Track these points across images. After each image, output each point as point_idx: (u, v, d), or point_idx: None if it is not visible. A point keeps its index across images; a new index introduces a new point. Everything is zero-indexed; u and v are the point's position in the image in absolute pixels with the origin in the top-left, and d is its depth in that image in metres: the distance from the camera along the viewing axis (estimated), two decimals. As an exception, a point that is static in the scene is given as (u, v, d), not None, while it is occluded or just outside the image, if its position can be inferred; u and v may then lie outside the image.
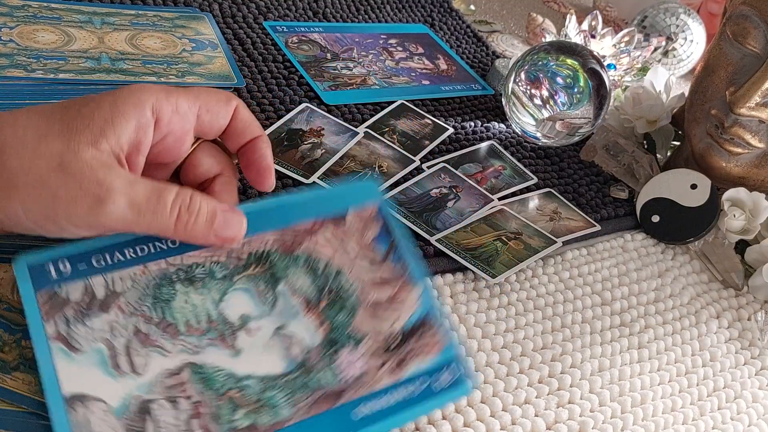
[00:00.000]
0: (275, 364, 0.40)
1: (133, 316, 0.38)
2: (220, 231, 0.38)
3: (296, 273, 0.42)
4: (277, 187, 0.57)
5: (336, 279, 0.43)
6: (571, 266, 0.60)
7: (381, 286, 0.43)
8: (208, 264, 0.41)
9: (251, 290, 0.41)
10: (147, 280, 0.39)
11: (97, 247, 0.39)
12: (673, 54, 0.97)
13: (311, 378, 0.40)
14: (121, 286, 0.39)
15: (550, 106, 0.68)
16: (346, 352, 0.41)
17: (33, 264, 0.38)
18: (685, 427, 0.50)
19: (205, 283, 0.40)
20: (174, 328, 0.39)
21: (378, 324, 0.42)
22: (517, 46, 0.94)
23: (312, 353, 0.40)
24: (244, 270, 0.42)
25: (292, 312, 0.41)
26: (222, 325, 0.40)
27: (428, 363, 0.41)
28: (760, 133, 0.63)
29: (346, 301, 0.42)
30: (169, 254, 0.40)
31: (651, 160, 0.70)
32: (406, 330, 0.42)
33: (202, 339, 0.39)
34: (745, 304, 0.63)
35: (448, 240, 0.56)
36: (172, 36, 0.67)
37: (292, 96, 0.67)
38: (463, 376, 0.41)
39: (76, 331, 0.37)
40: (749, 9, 0.62)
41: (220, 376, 0.38)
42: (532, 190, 0.67)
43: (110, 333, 0.37)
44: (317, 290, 0.42)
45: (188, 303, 0.40)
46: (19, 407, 0.36)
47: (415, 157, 0.65)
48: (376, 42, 0.81)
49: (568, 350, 0.52)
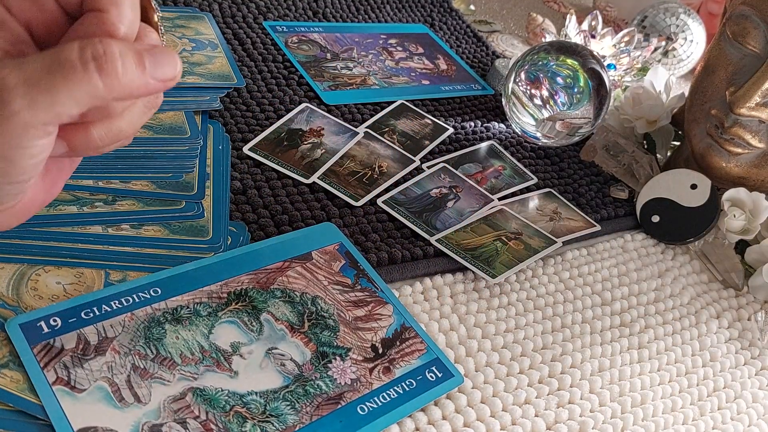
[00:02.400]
0: (273, 380, 0.42)
1: (128, 355, 0.40)
2: (156, 72, 0.31)
3: (276, 304, 0.46)
4: (278, 187, 0.57)
5: (314, 304, 0.47)
6: (571, 266, 0.60)
7: (356, 306, 0.48)
8: (192, 305, 0.44)
9: (237, 322, 0.44)
10: (136, 324, 0.42)
11: (85, 302, 0.42)
12: (673, 54, 0.97)
13: (310, 386, 0.42)
14: (113, 331, 0.41)
15: (550, 106, 0.68)
16: (337, 363, 0.44)
17: (25, 323, 0.40)
18: (685, 427, 0.50)
19: (192, 320, 0.43)
20: (170, 360, 0.41)
21: (360, 336, 0.46)
22: (517, 46, 0.94)
23: (305, 367, 0.43)
24: (227, 306, 0.45)
25: (278, 336, 0.44)
26: (216, 353, 0.42)
27: (415, 364, 0.46)
28: (760, 133, 0.63)
29: (327, 320, 0.46)
30: (153, 301, 0.43)
31: (651, 160, 0.70)
32: (387, 339, 0.47)
33: (199, 366, 0.41)
34: (745, 304, 0.63)
35: (448, 240, 0.56)
36: (172, 36, 0.67)
37: (292, 96, 0.67)
38: (449, 370, 0.47)
39: (76, 373, 0.38)
40: (749, 9, 0.62)
41: (223, 396, 0.40)
42: (532, 190, 0.67)
43: (109, 372, 0.39)
44: (298, 315, 0.46)
45: (179, 339, 0.42)
46: (6, 405, 0.36)
47: (415, 157, 0.65)
48: (376, 42, 0.81)
49: (568, 350, 0.52)
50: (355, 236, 0.54)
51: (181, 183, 0.52)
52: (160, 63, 0.32)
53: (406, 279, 0.54)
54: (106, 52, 0.29)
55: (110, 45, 0.30)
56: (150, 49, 0.31)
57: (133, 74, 0.30)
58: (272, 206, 0.55)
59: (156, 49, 0.32)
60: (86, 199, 0.49)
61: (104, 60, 0.29)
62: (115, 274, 0.45)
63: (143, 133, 0.54)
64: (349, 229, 0.55)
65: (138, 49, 0.31)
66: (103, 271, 0.45)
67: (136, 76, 0.31)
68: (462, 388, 0.46)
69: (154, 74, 0.31)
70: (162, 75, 0.32)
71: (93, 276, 0.44)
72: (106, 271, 0.45)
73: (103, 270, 0.45)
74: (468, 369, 0.48)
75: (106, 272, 0.45)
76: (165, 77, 0.32)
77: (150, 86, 0.32)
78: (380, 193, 0.60)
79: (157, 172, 0.52)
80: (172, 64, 0.32)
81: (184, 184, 0.52)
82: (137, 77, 0.31)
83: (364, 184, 0.60)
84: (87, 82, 0.29)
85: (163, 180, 0.52)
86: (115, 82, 0.30)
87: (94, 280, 0.44)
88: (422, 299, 0.52)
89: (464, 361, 0.48)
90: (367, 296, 0.49)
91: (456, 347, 0.49)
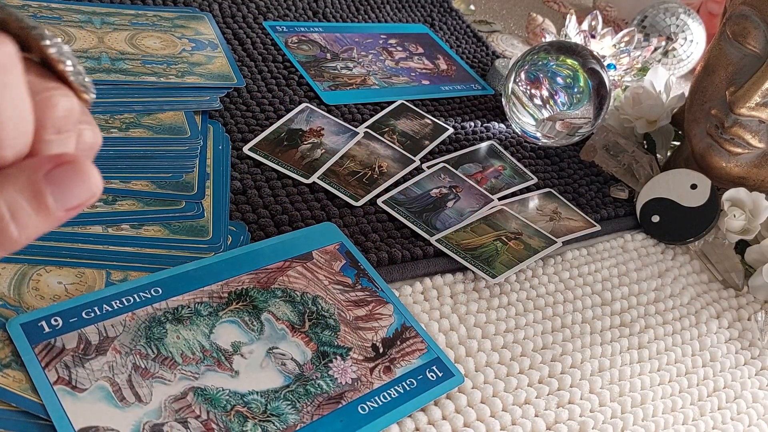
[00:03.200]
0: (274, 380, 0.42)
1: (129, 355, 0.40)
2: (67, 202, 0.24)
3: (276, 303, 0.46)
4: (278, 187, 0.57)
5: (314, 303, 0.47)
6: (571, 266, 0.60)
7: (357, 305, 0.48)
8: (193, 305, 0.44)
9: (237, 321, 0.44)
10: (137, 324, 0.42)
11: (86, 302, 0.42)
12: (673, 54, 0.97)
13: (310, 386, 0.42)
14: (114, 331, 0.41)
15: (550, 106, 0.68)
16: (338, 363, 0.44)
17: (26, 323, 0.40)
18: (685, 427, 0.50)
19: (192, 320, 0.43)
20: (171, 360, 0.41)
21: (361, 336, 0.46)
22: (517, 46, 0.94)
23: (306, 367, 0.43)
24: (227, 306, 0.45)
25: (279, 335, 0.44)
26: (216, 353, 0.42)
27: (415, 364, 0.46)
28: (761, 133, 0.63)
29: (327, 320, 0.46)
30: (154, 301, 0.43)
31: (651, 160, 0.70)
32: (388, 338, 0.47)
33: (200, 366, 0.41)
34: (745, 304, 0.63)
35: (448, 240, 0.56)
36: (171, 36, 0.67)
37: (292, 96, 0.67)
38: (450, 370, 0.46)
39: (77, 373, 0.38)
40: (749, 9, 0.62)
41: (224, 395, 0.40)
42: (532, 190, 0.67)
43: (110, 371, 0.39)
44: (299, 315, 0.46)
45: (180, 338, 0.42)
46: (8, 405, 0.37)
47: (415, 157, 0.65)
48: (376, 42, 0.81)
49: (568, 350, 0.52)
50: (355, 236, 0.54)
51: (181, 183, 0.52)
52: (68, 188, 0.24)
53: (406, 279, 0.54)
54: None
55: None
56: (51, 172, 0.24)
57: (35, 224, 0.24)
58: (272, 206, 0.55)
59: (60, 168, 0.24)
60: (86, 199, 0.48)
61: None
62: (116, 274, 0.45)
63: (143, 133, 0.54)
64: (349, 229, 0.55)
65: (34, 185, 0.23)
66: (104, 271, 0.45)
67: (40, 224, 0.24)
68: (462, 388, 0.46)
69: (65, 205, 0.24)
70: (76, 201, 0.25)
71: (94, 276, 0.44)
72: (107, 271, 0.45)
73: (104, 270, 0.45)
74: (468, 369, 0.48)
75: (107, 272, 0.45)
76: (80, 201, 0.25)
77: (62, 220, 0.25)
78: (380, 193, 0.60)
79: (157, 172, 0.52)
80: (85, 182, 0.25)
81: (184, 184, 0.52)
82: (41, 224, 0.24)
83: (364, 184, 0.60)
84: None
85: (163, 180, 0.52)
86: (14, 245, 0.24)
87: (95, 279, 0.44)
88: (422, 299, 0.52)
89: (464, 361, 0.49)
90: (367, 296, 0.49)
91: (456, 347, 0.49)
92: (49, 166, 0.24)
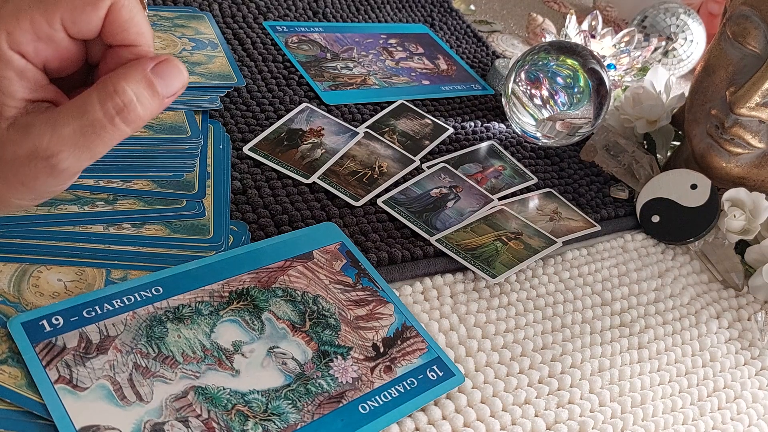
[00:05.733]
0: (275, 379, 0.42)
1: (130, 354, 0.40)
2: (168, 90, 0.34)
3: (277, 303, 0.46)
4: (278, 187, 0.57)
5: (315, 303, 0.47)
6: (571, 266, 0.60)
7: (357, 305, 0.48)
8: (194, 304, 0.44)
9: (238, 321, 0.44)
10: (138, 323, 0.42)
11: (87, 301, 0.42)
12: (673, 54, 0.97)
13: (311, 385, 0.42)
14: (114, 330, 0.41)
15: (550, 106, 0.68)
16: (338, 362, 0.44)
17: (27, 322, 0.40)
18: (685, 427, 0.50)
19: (193, 319, 0.43)
20: (172, 359, 0.41)
21: (361, 335, 0.46)
22: (517, 46, 0.94)
23: (306, 366, 0.43)
24: (228, 305, 0.45)
25: (280, 334, 0.44)
26: (217, 352, 0.42)
27: (416, 363, 0.46)
28: (761, 134, 0.63)
29: (328, 319, 0.46)
30: (155, 300, 0.43)
31: (651, 160, 0.70)
32: (388, 338, 0.47)
33: (200, 365, 0.41)
34: (745, 304, 0.63)
35: (448, 240, 0.56)
36: (171, 35, 0.67)
37: (292, 96, 0.67)
38: (451, 369, 0.46)
39: (78, 372, 0.38)
40: (749, 9, 0.62)
41: (224, 395, 0.40)
42: (532, 190, 0.67)
43: (111, 370, 0.39)
44: (299, 314, 0.46)
45: (181, 337, 0.42)
46: (5, 402, 0.37)
47: (415, 157, 0.65)
48: (376, 42, 0.81)
49: (568, 350, 0.52)
50: (355, 236, 0.54)
51: (182, 182, 0.52)
52: (169, 79, 0.34)
53: (406, 279, 0.54)
54: (125, 103, 0.32)
55: (125, 93, 0.32)
56: (157, 69, 0.34)
57: (151, 106, 0.33)
58: (272, 206, 0.55)
59: (161, 65, 0.34)
60: (87, 199, 0.49)
61: (126, 111, 0.32)
62: (116, 273, 0.45)
63: (144, 132, 0.54)
64: (349, 229, 0.55)
65: (148, 78, 0.33)
66: (105, 270, 0.45)
67: (154, 106, 0.34)
68: (462, 388, 0.47)
69: (167, 93, 0.34)
70: (173, 89, 0.34)
71: (94, 274, 0.44)
72: (107, 270, 0.45)
73: (104, 269, 0.45)
74: (468, 369, 0.48)
75: (107, 271, 0.45)
76: (176, 90, 0.35)
77: (165, 105, 0.35)
78: (380, 193, 0.60)
79: (158, 171, 0.52)
80: (178, 75, 0.34)
81: (184, 183, 0.52)
82: (155, 106, 0.34)
83: (364, 184, 0.60)
84: (117, 133, 0.33)
85: (164, 179, 0.52)
86: (139, 122, 0.33)
87: (95, 278, 0.44)
88: (422, 299, 0.52)
89: (464, 361, 0.49)
90: (368, 295, 0.49)
91: (456, 347, 0.49)
92: (153, 63, 0.34)
